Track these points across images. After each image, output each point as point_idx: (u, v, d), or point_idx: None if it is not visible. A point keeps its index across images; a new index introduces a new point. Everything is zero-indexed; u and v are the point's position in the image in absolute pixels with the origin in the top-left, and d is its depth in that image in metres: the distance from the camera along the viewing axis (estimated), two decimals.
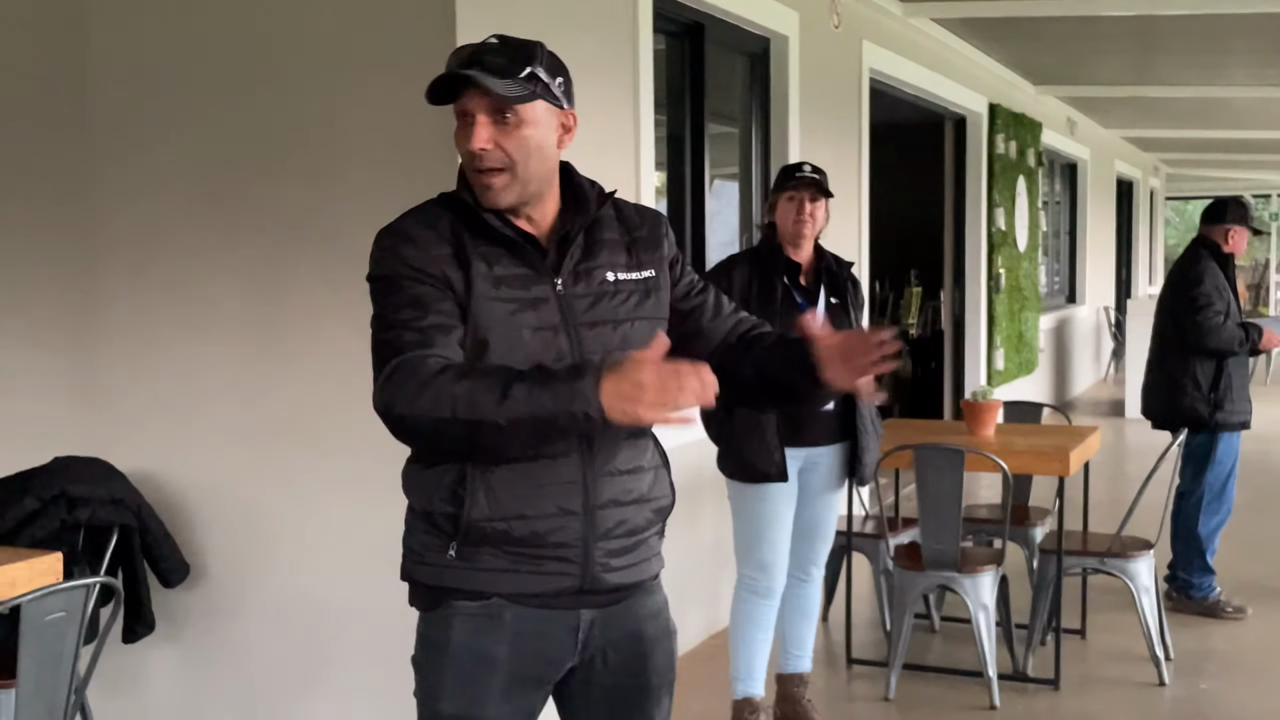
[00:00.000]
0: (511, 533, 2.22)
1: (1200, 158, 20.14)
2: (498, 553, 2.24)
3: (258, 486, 4.20)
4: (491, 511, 2.21)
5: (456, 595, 2.27)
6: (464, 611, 2.27)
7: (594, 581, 2.29)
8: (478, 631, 2.27)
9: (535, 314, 2.24)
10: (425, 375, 2.08)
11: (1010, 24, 8.68)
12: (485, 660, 2.27)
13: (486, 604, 2.26)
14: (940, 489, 4.69)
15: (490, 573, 2.25)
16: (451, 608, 2.28)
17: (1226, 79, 11.33)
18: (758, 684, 4.42)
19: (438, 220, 2.26)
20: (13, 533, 3.75)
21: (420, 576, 2.31)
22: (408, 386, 2.09)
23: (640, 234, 2.39)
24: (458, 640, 2.28)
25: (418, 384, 2.08)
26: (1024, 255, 11.17)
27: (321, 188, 4.05)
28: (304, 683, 4.24)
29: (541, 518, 2.23)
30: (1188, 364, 5.84)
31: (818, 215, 4.33)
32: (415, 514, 2.32)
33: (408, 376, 2.09)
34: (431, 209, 2.31)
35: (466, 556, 2.25)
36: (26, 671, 2.93)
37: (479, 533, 2.23)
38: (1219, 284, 5.85)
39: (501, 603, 2.26)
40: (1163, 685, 5.03)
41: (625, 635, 2.38)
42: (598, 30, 4.73)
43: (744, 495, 4.35)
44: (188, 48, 4.21)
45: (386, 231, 2.28)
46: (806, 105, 6.52)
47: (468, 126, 2.22)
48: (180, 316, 4.27)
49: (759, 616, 4.38)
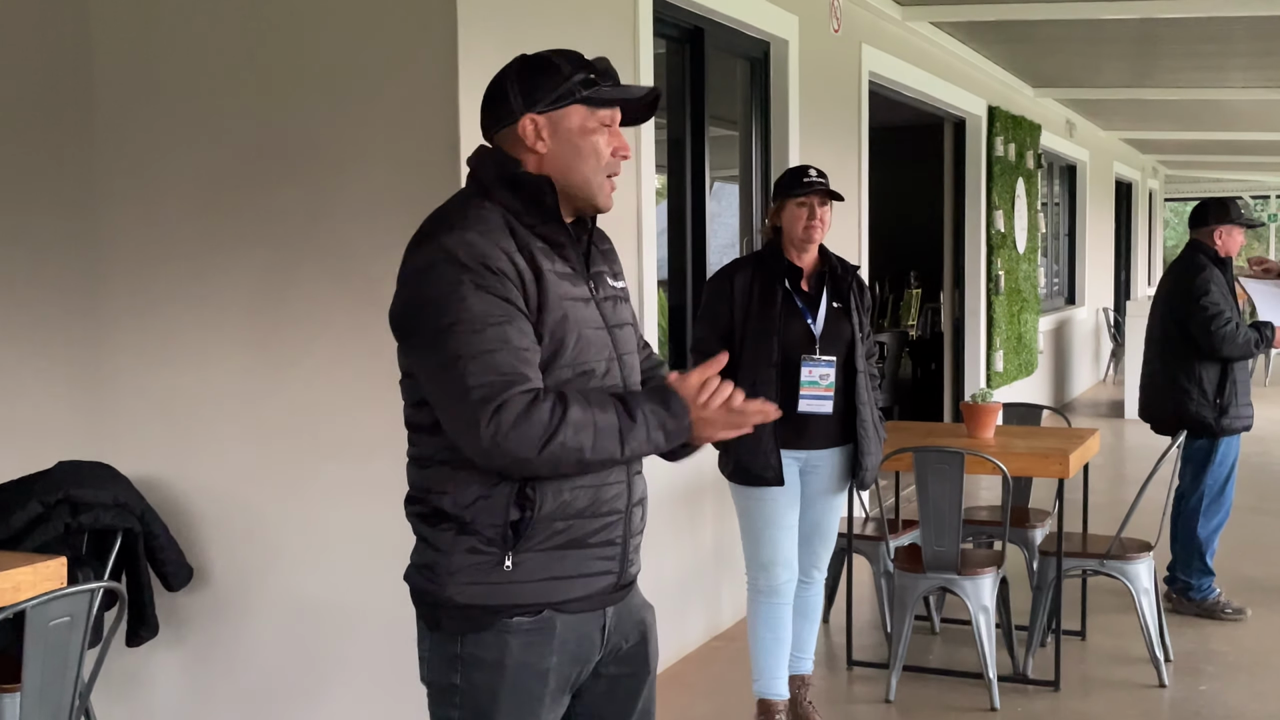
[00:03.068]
0: (568, 531, 2.27)
1: (1199, 159, 20.16)
2: (549, 560, 2.27)
3: (261, 491, 4.21)
4: (558, 507, 2.26)
5: (512, 612, 2.26)
6: (520, 628, 2.27)
7: (624, 577, 2.38)
8: (532, 646, 2.28)
9: (589, 313, 2.34)
10: (541, 419, 2.14)
11: (1009, 27, 8.69)
12: (539, 675, 2.29)
13: (539, 617, 2.28)
14: (940, 491, 4.70)
15: (544, 583, 2.27)
16: (506, 626, 2.26)
17: (1224, 81, 11.34)
18: (775, 683, 4.42)
19: (497, 223, 2.27)
20: (17, 537, 3.75)
21: (467, 598, 2.26)
22: (529, 432, 2.13)
23: (610, 247, 2.52)
24: (515, 658, 2.27)
25: (540, 430, 2.13)
26: (1023, 257, 11.18)
27: (325, 196, 4.07)
28: (307, 686, 4.25)
29: (595, 515, 2.31)
30: (1193, 369, 5.82)
31: (826, 219, 4.34)
32: (453, 529, 2.27)
33: (523, 420, 2.13)
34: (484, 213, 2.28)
35: (521, 568, 2.25)
36: (31, 676, 2.94)
37: (542, 532, 2.24)
38: (1223, 290, 5.85)
39: (552, 613, 2.29)
40: (1163, 687, 5.04)
41: (634, 625, 2.46)
42: (598, 35, 4.74)
43: (745, 497, 4.37)
44: (193, 57, 4.23)
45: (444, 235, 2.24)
46: (806, 108, 6.54)
47: (613, 133, 2.36)
48: (185, 322, 4.28)
49: (767, 616, 4.39)
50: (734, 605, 5.88)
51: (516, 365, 2.16)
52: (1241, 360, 5.83)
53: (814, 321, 4.32)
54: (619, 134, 2.37)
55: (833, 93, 7.07)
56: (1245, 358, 5.82)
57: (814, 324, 4.32)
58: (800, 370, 4.28)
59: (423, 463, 2.31)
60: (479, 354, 2.15)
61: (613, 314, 2.40)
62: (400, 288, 2.28)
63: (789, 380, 4.28)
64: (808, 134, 6.54)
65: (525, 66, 2.36)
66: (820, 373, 4.29)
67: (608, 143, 2.34)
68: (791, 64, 6.36)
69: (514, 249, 2.23)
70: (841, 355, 4.33)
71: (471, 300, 2.17)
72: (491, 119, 2.39)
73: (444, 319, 2.17)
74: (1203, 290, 5.79)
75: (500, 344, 2.16)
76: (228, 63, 4.18)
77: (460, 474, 2.25)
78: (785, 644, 4.42)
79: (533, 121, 2.31)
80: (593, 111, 2.33)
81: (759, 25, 6.06)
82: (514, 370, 2.15)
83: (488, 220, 2.27)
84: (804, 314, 4.32)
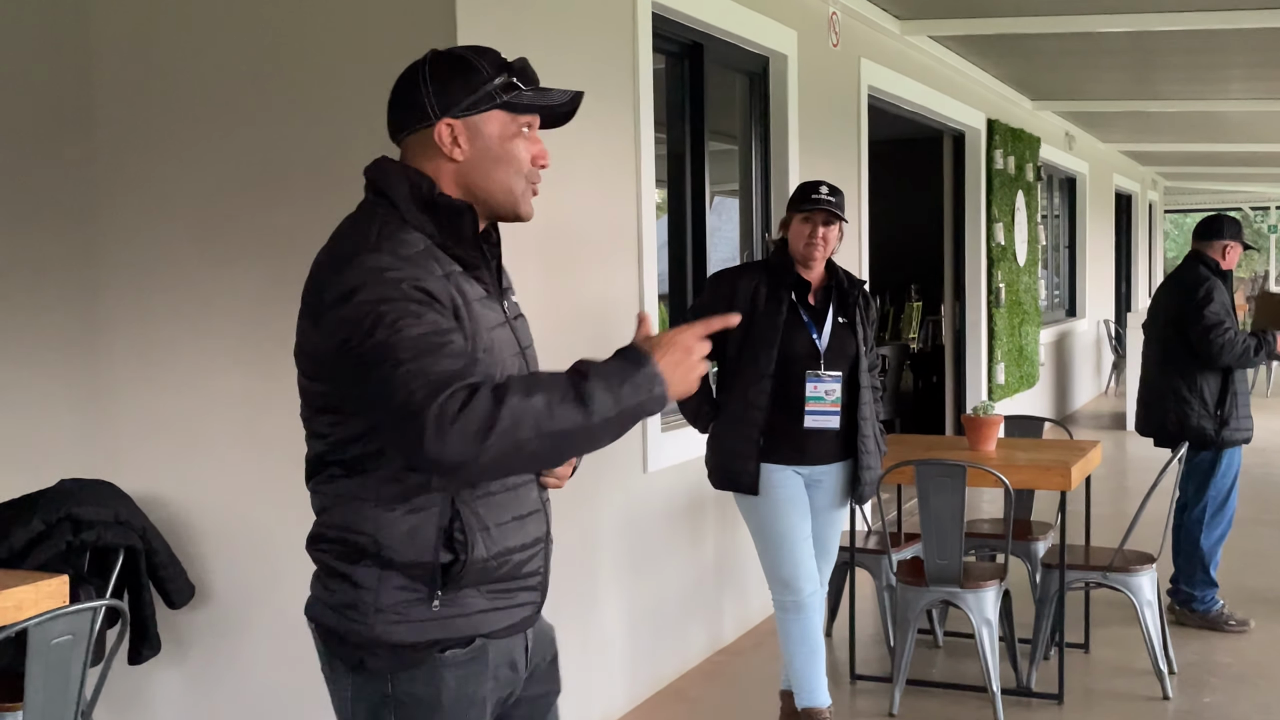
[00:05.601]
0: (499, 569, 2.19)
1: (1199, 171, 20.18)
2: (479, 593, 2.18)
3: (263, 507, 4.21)
4: (489, 551, 2.16)
5: (445, 645, 2.16)
6: (454, 661, 2.17)
7: (543, 602, 2.33)
8: (468, 678, 2.19)
9: (506, 336, 2.23)
10: (484, 408, 1.93)
11: (1008, 41, 8.71)
12: (477, 704, 2.22)
13: (472, 647, 2.19)
14: (942, 504, 4.70)
15: (476, 615, 2.18)
16: (439, 660, 2.16)
17: (1224, 93, 11.37)
18: (814, 694, 4.41)
19: (416, 241, 2.13)
20: (19, 555, 3.75)
21: (395, 636, 2.14)
22: (468, 424, 1.93)
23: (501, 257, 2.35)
24: (452, 692, 2.17)
25: (481, 419, 1.93)
26: (1024, 269, 11.19)
27: (324, 213, 4.03)
28: (309, 702, 4.24)
29: (522, 549, 2.23)
30: (1194, 380, 5.84)
31: (830, 239, 4.33)
32: (381, 568, 2.13)
33: (465, 412, 1.93)
34: (405, 236, 2.13)
35: (452, 603, 2.15)
36: (33, 694, 2.93)
37: (473, 575, 2.14)
38: (1225, 301, 5.86)
39: (484, 642, 2.21)
40: (1166, 699, 5.03)
41: (548, 642, 2.42)
42: (598, 50, 4.76)
43: (755, 513, 4.36)
44: (192, 71, 4.24)
45: (367, 255, 2.08)
46: (806, 122, 6.55)
47: (531, 139, 2.22)
48: (184, 338, 4.29)
49: (793, 630, 4.38)
50: (736, 619, 5.88)
51: (455, 366, 1.99)
52: (1241, 369, 5.85)
53: (819, 336, 4.32)
54: (538, 140, 2.23)
55: (832, 107, 7.08)
56: (1244, 366, 5.84)
57: (819, 339, 4.32)
58: (804, 385, 4.28)
59: (338, 499, 2.18)
60: (418, 361, 1.97)
61: (524, 335, 2.30)
62: (321, 313, 2.10)
63: (785, 393, 4.28)
64: (807, 148, 6.56)
65: (441, 65, 2.19)
66: (826, 388, 4.29)
67: (527, 149, 2.20)
68: (791, 78, 6.38)
69: (440, 275, 2.10)
70: (845, 370, 4.33)
71: (407, 319, 2.01)
72: (401, 120, 2.22)
73: (378, 336, 2.00)
74: (1206, 299, 5.81)
75: (438, 349, 1.99)
76: (228, 80, 4.19)
77: (382, 512, 2.12)
78: (820, 653, 4.42)
79: (449, 126, 2.16)
80: (513, 117, 2.18)
81: (758, 40, 6.07)
82: (453, 370, 1.98)
83: (411, 244, 2.12)
84: (809, 328, 4.32)
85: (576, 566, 4.60)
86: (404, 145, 2.24)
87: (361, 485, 2.15)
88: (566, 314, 4.47)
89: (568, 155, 3.99)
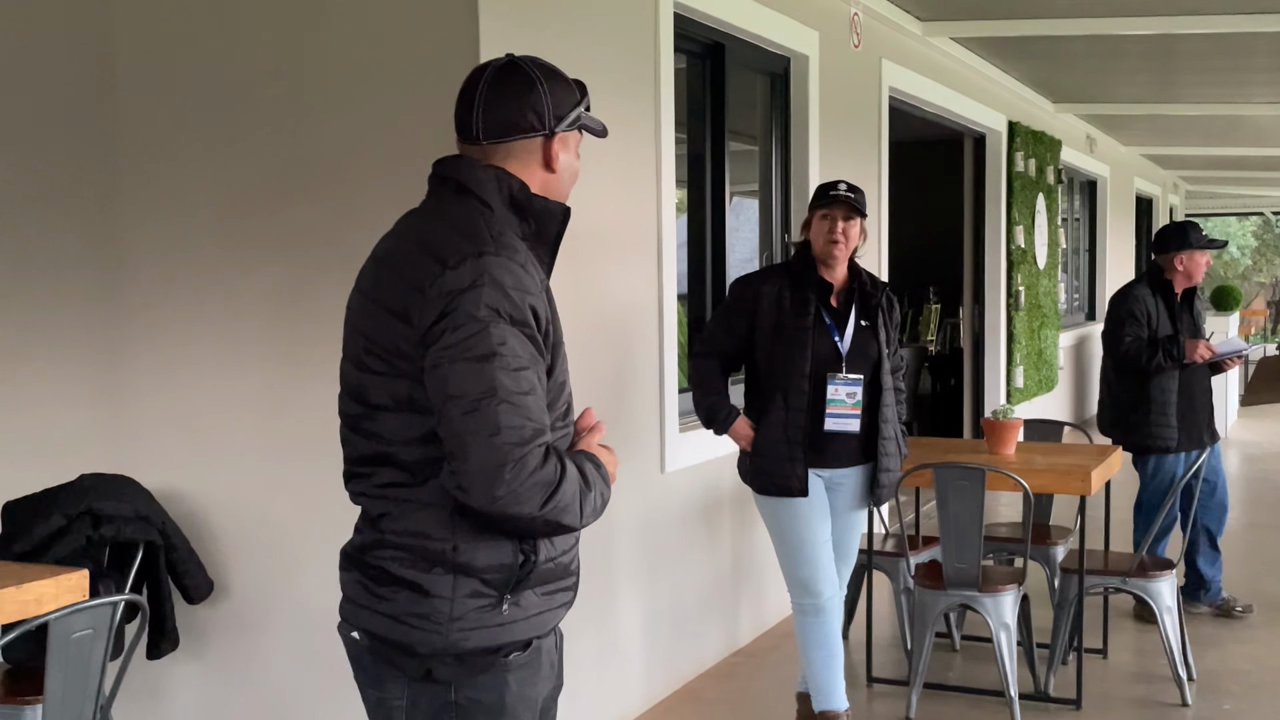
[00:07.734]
0: (554, 570, 2.24)
1: (1220, 175, 20.08)
2: (536, 594, 2.22)
3: (282, 503, 4.22)
4: (551, 551, 2.22)
5: (508, 650, 2.19)
6: (516, 664, 2.20)
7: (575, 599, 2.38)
8: (526, 679, 2.24)
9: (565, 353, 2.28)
10: (552, 474, 2.05)
11: (1029, 43, 8.68)
12: (530, 704, 2.27)
13: (530, 649, 2.23)
14: (961, 508, 4.68)
15: (534, 617, 2.22)
16: (504, 665, 2.19)
17: (1246, 97, 11.31)
18: (831, 697, 4.40)
19: (519, 245, 2.17)
20: (39, 549, 3.77)
21: (468, 644, 2.15)
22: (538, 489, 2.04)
23: None
24: (513, 694, 2.21)
25: (548, 484, 2.05)
26: (1043, 272, 11.15)
27: (346, 210, 4.08)
28: (327, 700, 4.25)
29: (569, 549, 2.30)
30: (1112, 386, 6.12)
31: (850, 234, 4.30)
32: (456, 574, 2.14)
33: (538, 472, 2.03)
34: (513, 241, 2.16)
35: (516, 606, 2.18)
36: (54, 688, 2.95)
37: (537, 576, 2.19)
38: (1142, 309, 5.97)
39: (538, 642, 2.25)
40: (1185, 705, 5.00)
41: (560, 638, 2.44)
42: (619, 50, 4.75)
43: (775, 516, 4.35)
44: (214, 70, 4.25)
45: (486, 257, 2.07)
46: (826, 123, 6.54)
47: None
48: (205, 335, 4.30)
49: (812, 634, 4.37)
50: (753, 620, 5.87)
51: (542, 415, 2.05)
52: (1143, 371, 5.91)
53: (841, 339, 4.30)
54: None
55: (853, 108, 7.07)
56: (1144, 370, 5.91)
57: (841, 341, 4.30)
58: (825, 387, 4.27)
59: (405, 506, 2.15)
60: (514, 396, 2.01)
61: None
62: (423, 306, 2.07)
63: (817, 395, 4.27)
64: (828, 149, 6.55)
65: (552, 78, 2.23)
66: (847, 391, 4.27)
67: None
68: (812, 79, 6.37)
69: (540, 284, 2.14)
70: (868, 374, 4.31)
71: (510, 335, 2.03)
72: (509, 123, 2.19)
73: (482, 348, 2.02)
74: (1117, 302, 6.10)
75: (530, 388, 2.03)
76: (250, 78, 4.21)
77: (460, 517, 2.12)
78: (838, 656, 4.41)
79: (561, 141, 2.23)
80: (581, 137, 2.30)
81: (779, 41, 6.06)
82: (540, 420, 2.04)
83: (519, 249, 2.14)
84: (831, 330, 4.30)
85: (593, 567, 4.58)
86: (496, 148, 2.21)
87: (433, 491, 2.13)
88: (586, 312, 4.47)
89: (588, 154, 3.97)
